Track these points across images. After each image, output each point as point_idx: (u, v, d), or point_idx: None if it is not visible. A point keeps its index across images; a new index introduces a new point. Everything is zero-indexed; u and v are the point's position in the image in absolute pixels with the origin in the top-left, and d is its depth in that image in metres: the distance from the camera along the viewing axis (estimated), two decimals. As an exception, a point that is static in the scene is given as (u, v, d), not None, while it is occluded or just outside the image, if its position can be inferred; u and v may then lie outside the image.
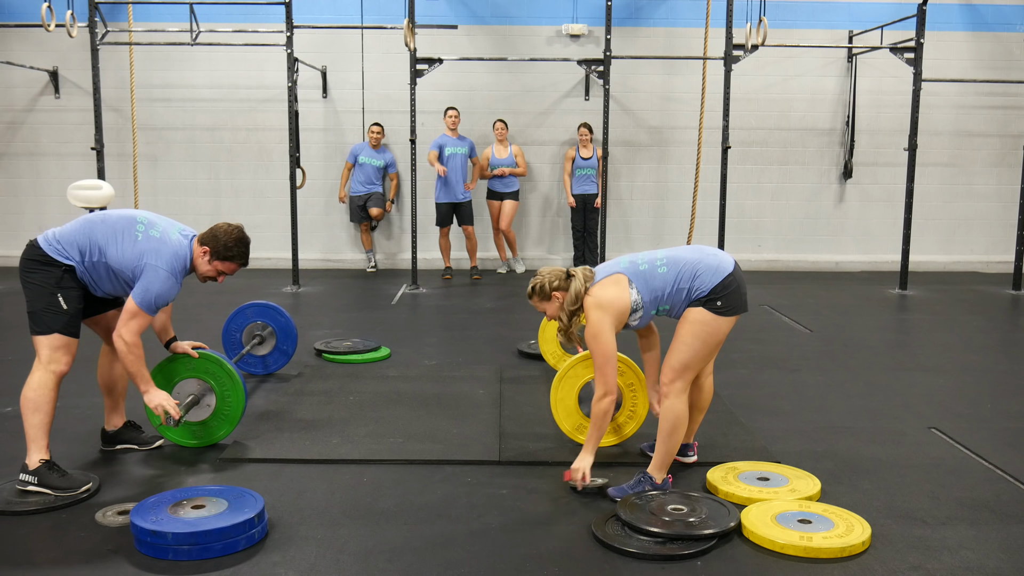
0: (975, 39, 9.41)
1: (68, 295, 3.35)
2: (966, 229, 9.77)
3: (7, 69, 9.09)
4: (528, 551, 2.82)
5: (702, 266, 3.23)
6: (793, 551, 2.79)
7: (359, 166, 9.11)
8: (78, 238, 3.40)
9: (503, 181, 9.01)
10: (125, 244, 3.37)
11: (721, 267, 3.24)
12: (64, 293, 3.34)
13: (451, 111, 8.87)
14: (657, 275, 3.23)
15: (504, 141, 9.01)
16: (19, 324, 6.56)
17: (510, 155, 9.00)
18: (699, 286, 3.20)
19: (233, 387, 3.70)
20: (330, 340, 5.67)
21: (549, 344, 5.05)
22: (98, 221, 3.45)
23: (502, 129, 8.97)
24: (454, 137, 8.88)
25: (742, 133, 9.35)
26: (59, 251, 3.37)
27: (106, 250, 3.37)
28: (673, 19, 9.34)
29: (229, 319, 5.02)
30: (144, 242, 3.37)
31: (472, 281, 8.73)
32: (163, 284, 3.35)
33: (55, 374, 3.35)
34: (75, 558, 2.75)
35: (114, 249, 3.37)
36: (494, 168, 8.96)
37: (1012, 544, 2.90)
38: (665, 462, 3.27)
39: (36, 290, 3.35)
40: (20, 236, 9.51)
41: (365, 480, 3.42)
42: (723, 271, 3.23)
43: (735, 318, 3.24)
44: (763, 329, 6.44)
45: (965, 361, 5.60)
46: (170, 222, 3.56)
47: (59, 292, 3.34)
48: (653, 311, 3.27)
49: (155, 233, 3.42)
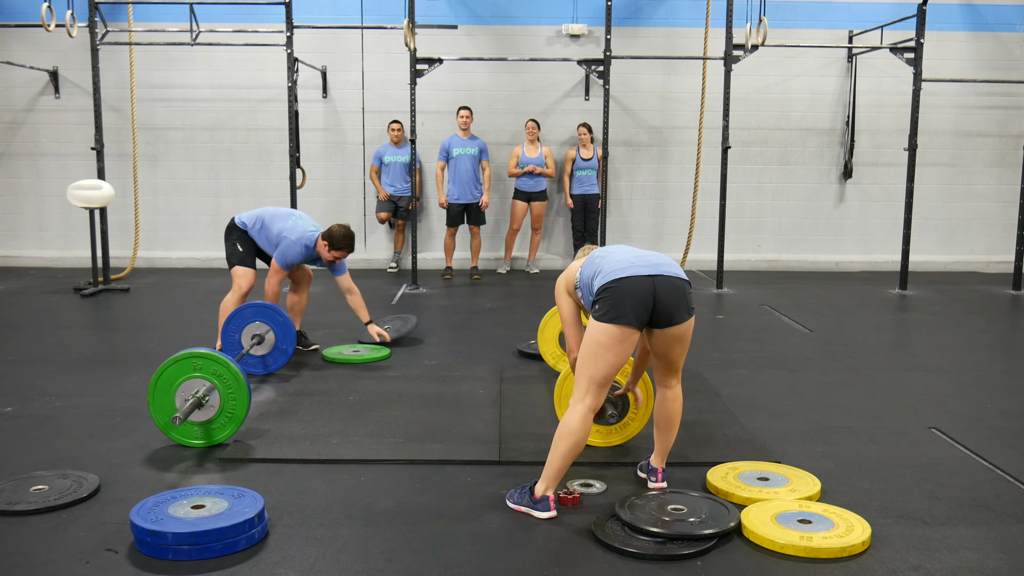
0: (975, 39, 9.41)
1: (243, 244, 5.38)
2: (966, 229, 9.77)
3: (7, 69, 9.10)
4: (528, 551, 2.82)
5: (609, 267, 3.08)
6: (793, 551, 2.79)
7: (385, 166, 9.10)
8: (253, 215, 5.41)
9: (532, 181, 9.01)
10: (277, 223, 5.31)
11: (619, 272, 3.03)
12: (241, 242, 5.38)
13: (463, 111, 8.87)
14: (594, 263, 3.20)
15: (535, 141, 9.02)
16: (19, 324, 6.61)
17: (540, 155, 9.02)
18: (595, 285, 3.10)
19: (238, 388, 3.70)
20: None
21: (549, 344, 5.05)
22: (270, 209, 5.46)
23: (533, 128, 8.98)
24: (464, 137, 8.88)
25: (742, 133, 9.35)
26: (241, 222, 5.39)
27: (270, 225, 5.33)
28: (673, 19, 9.35)
29: (229, 319, 5.03)
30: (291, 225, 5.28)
31: (472, 281, 8.73)
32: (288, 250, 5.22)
33: (235, 292, 5.29)
34: (75, 558, 2.74)
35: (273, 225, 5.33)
36: (523, 166, 8.97)
37: (1012, 544, 2.90)
38: (547, 474, 3.04)
39: (228, 244, 5.40)
40: (20, 236, 9.55)
41: (365, 480, 3.42)
42: (615, 275, 3.03)
43: (613, 326, 2.98)
44: (763, 329, 6.44)
45: (965, 361, 5.60)
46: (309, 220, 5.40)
47: (237, 242, 5.38)
48: (590, 296, 3.17)
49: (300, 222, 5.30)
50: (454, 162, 8.83)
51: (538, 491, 3.06)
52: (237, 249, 5.36)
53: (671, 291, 3.05)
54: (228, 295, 5.31)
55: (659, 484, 3.29)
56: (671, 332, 3.10)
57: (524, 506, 3.09)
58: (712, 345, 5.76)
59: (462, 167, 8.82)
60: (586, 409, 3.04)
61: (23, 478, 3.34)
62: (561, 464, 3.03)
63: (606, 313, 3.01)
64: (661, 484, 3.29)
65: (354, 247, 5.25)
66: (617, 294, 3.01)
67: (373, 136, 9.44)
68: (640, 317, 3.02)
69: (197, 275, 8.86)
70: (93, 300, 7.52)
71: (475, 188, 8.91)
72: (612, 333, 3.00)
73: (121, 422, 4.11)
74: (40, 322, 6.63)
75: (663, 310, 3.04)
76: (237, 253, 5.36)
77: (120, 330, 6.62)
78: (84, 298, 7.55)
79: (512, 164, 9.04)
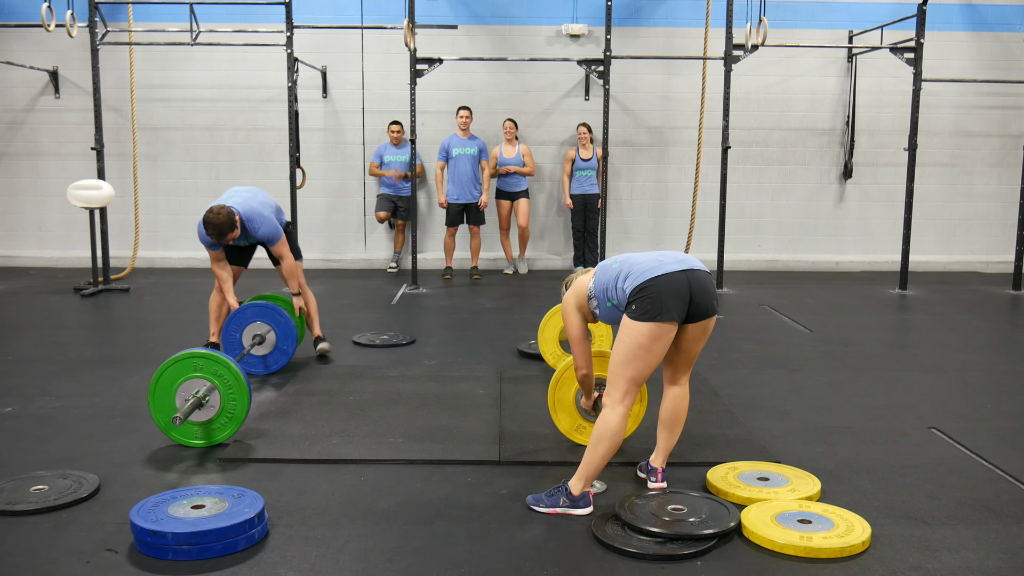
0: (975, 39, 9.41)
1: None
2: (966, 229, 9.77)
3: (7, 69, 9.10)
4: (528, 551, 2.82)
5: (638, 269, 3.17)
6: (793, 551, 2.79)
7: (386, 166, 9.11)
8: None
9: (510, 181, 9.02)
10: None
11: (652, 271, 3.12)
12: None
13: (462, 111, 8.87)
14: (611, 270, 3.27)
15: (513, 141, 9.02)
16: (19, 324, 6.60)
17: (518, 154, 9.01)
18: (627, 287, 3.16)
19: (238, 388, 3.70)
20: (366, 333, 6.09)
21: (549, 344, 5.05)
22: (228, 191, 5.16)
23: (511, 128, 8.97)
24: (464, 137, 8.88)
25: (742, 133, 9.35)
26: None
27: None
28: (673, 19, 9.34)
29: (229, 319, 5.02)
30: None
31: (472, 281, 8.73)
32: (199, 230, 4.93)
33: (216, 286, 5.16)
34: (75, 558, 2.75)
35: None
36: (501, 167, 8.98)
37: (1012, 544, 2.90)
38: (585, 473, 3.11)
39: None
40: (20, 236, 9.55)
41: (365, 480, 3.42)
42: (649, 274, 3.12)
43: (654, 324, 3.07)
44: (763, 329, 6.44)
45: (965, 361, 5.60)
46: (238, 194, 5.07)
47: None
48: (607, 303, 3.27)
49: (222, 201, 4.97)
50: (453, 162, 8.83)
51: (576, 489, 3.13)
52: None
53: (704, 285, 3.18)
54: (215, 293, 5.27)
55: (659, 484, 3.31)
56: (702, 325, 3.23)
57: (561, 507, 3.13)
58: (712, 345, 5.74)
59: (461, 167, 8.82)
60: (625, 410, 3.15)
61: (23, 478, 3.34)
62: (600, 464, 3.14)
63: (646, 312, 3.08)
64: (661, 484, 3.31)
65: (220, 240, 4.83)
66: (656, 292, 3.08)
67: (373, 136, 9.44)
68: (680, 312, 3.11)
69: (197, 275, 8.86)
70: (93, 300, 7.52)
71: (475, 188, 8.91)
72: (652, 331, 3.08)
73: (121, 422, 4.11)
74: (40, 322, 6.63)
75: (698, 304, 3.15)
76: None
77: (120, 330, 6.62)
78: (84, 298, 7.55)
79: (492, 165, 9.05)
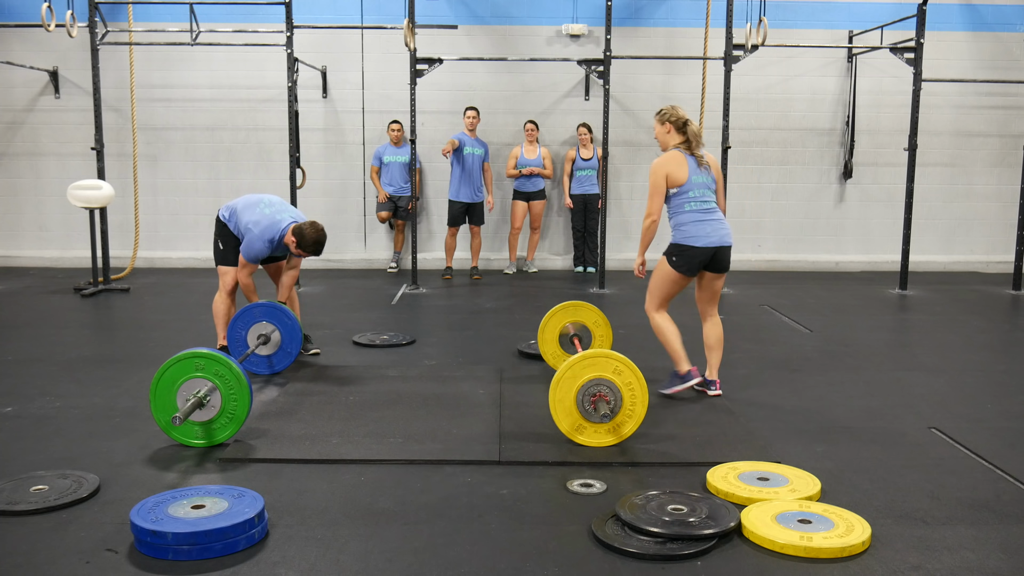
0: (975, 39, 9.42)
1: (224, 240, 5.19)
2: (966, 229, 9.77)
3: (7, 69, 9.10)
4: (528, 551, 2.82)
5: (690, 229, 4.38)
6: (793, 551, 2.79)
7: (385, 166, 9.11)
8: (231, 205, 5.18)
9: (530, 181, 9.03)
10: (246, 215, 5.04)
11: (695, 239, 4.36)
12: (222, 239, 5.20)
13: (470, 111, 8.88)
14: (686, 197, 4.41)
15: (534, 142, 9.05)
16: (19, 324, 6.60)
17: (539, 156, 9.05)
18: (676, 238, 4.42)
19: (240, 389, 3.70)
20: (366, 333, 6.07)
21: (549, 344, 5.05)
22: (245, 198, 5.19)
23: (532, 130, 9.01)
24: (472, 137, 8.89)
25: (742, 133, 9.35)
26: (222, 214, 5.19)
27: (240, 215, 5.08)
28: (673, 19, 9.35)
29: (235, 318, 5.03)
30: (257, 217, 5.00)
31: (472, 281, 8.74)
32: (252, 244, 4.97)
33: (222, 290, 5.19)
34: (75, 558, 2.74)
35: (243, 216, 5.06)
36: (522, 168, 8.98)
37: (1012, 544, 2.90)
38: (678, 356, 4.48)
39: (213, 241, 5.24)
40: (20, 236, 9.55)
41: (365, 480, 3.42)
42: (692, 241, 4.37)
43: (682, 276, 4.42)
44: (763, 329, 6.44)
45: (965, 361, 5.60)
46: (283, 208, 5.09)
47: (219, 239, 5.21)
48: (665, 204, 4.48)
49: (268, 211, 5.01)
50: (464, 161, 8.81)
51: (682, 369, 4.45)
52: (219, 247, 5.23)
53: (723, 254, 4.46)
54: (216, 295, 5.25)
55: (717, 391, 4.51)
56: (719, 274, 4.52)
57: (677, 385, 4.47)
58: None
59: (471, 167, 8.83)
60: (659, 315, 4.55)
61: (23, 478, 3.34)
62: (678, 346, 4.48)
63: (679, 266, 4.42)
64: (718, 392, 4.51)
65: (320, 253, 4.99)
66: (691, 257, 4.39)
67: (373, 136, 9.44)
68: (696, 271, 4.45)
69: (197, 275, 8.86)
70: (93, 300, 7.52)
71: (480, 189, 8.93)
72: (677, 277, 4.46)
73: (121, 422, 4.11)
74: (40, 322, 6.63)
75: (716, 265, 4.47)
76: (219, 251, 5.23)
77: (120, 330, 6.62)
78: (84, 298, 7.55)
79: (511, 164, 9.05)
